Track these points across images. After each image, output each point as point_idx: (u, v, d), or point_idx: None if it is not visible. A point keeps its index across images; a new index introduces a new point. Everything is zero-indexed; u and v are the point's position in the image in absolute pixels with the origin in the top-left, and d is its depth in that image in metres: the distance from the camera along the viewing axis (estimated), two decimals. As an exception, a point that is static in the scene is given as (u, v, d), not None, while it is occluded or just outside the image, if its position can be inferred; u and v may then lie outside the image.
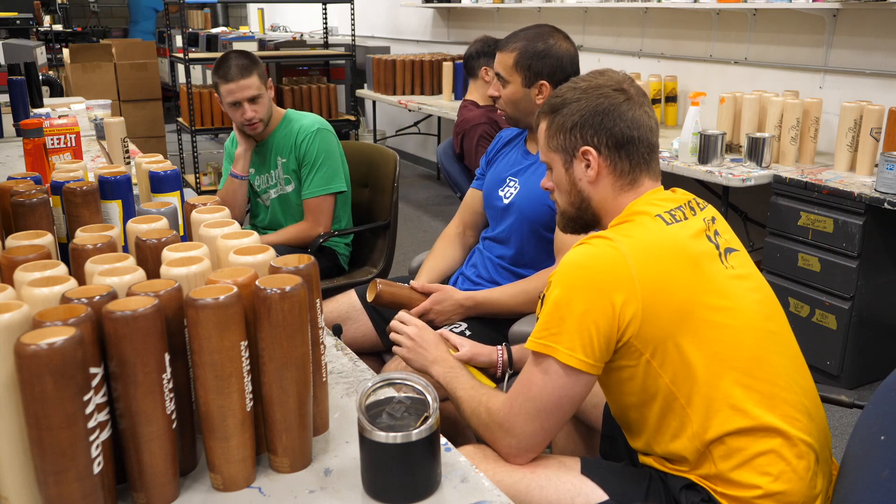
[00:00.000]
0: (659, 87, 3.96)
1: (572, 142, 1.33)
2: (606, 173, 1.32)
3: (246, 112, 2.47)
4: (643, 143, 1.32)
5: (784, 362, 1.26)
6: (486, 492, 0.96)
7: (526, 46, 1.90)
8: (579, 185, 1.35)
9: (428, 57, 5.59)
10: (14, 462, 0.83)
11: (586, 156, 1.32)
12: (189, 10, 9.01)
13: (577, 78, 1.38)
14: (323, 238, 2.55)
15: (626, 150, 1.31)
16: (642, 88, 1.37)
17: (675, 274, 1.21)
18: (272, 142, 2.60)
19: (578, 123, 1.32)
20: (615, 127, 1.30)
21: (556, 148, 1.36)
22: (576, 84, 1.36)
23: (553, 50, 1.90)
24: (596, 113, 1.31)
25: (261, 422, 0.98)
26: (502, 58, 1.93)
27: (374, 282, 1.80)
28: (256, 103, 2.48)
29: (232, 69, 2.44)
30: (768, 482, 1.19)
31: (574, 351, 1.18)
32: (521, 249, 1.95)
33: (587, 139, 1.32)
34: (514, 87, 1.92)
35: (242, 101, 2.46)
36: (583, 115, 1.31)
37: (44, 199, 1.21)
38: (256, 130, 2.53)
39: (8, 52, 4.51)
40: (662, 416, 1.23)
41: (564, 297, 1.19)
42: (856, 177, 2.93)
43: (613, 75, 1.36)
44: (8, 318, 0.80)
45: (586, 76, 1.37)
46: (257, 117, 2.49)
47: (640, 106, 1.32)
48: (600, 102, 1.31)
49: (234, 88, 2.44)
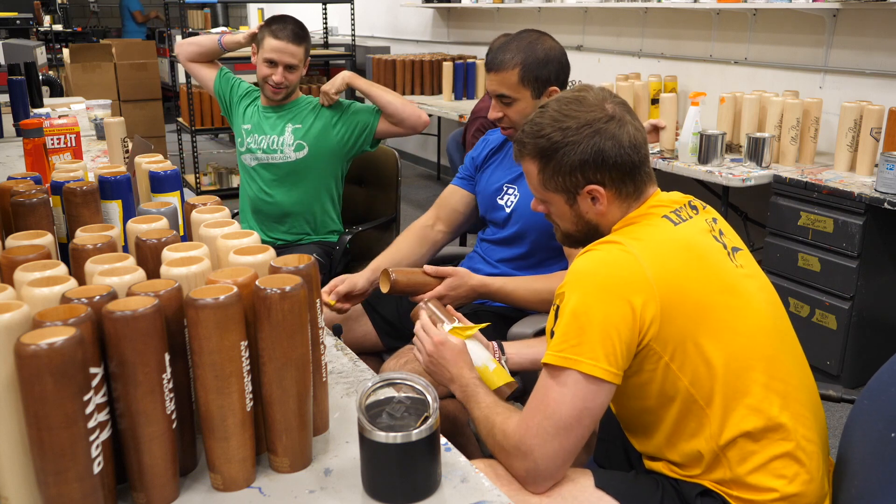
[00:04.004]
0: (659, 87, 3.96)
1: (574, 182, 1.27)
2: (614, 199, 1.28)
3: (277, 75, 2.52)
4: (644, 161, 1.28)
5: (793, 361, 1.26)
6: (486, 492, 0.96)
7: (527, 59, 1.83)
8: (587, 217, 1.31)
9: (428, 57, 5.59)
10: (14, 462, 0.83)
11: (592, 193, 1.27)
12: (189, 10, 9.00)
13: (557, 113, 1.28)
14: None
15: (630, 175, 1.27)
16: (620, 99, 1.31)
17: (689, 273, 1.20)
18: (285, 110, 2.61)
19: (578, 167, 1.25)
20: (619, 159, 1.25)
21: (554, 189, 1.30)
22: (560, 123, 1.27)
23: (551, 53, 1.86)
24: (596, 153, 1.24)
25: (261, 422, 0.98)
26: (502, 77, 1.84)
27: (387, 271, 1.73)
28: (291, 72, 2.54)
29: (289, 30, 2.50)
30: (784, 485, 1.18)
31: (597, 360, 1.14)
32: (531, 250, 1.94)
33: (590, 178, 1.26)
34: (524, 102, 1.85)
35: (280, 64, 2.51)
36: (582, 158, 1.25)
37: (44, 199, 1.21)
38: (277, 96, 2.57)
39: (8, 52, 4.51)
40: (680, 418, 1.21)
41: (582, 306, 1.15)
42: (856, 177, 2.93)
43: (593, 99, 1.28)
44: (8, 318, 0.80)
45: (567, 110, 1.28)
46: (285, 84, 2.54)
47: (630, 122, 1.27)
48: (597, 141, 1.24)
49: (282, 48, 2.49)
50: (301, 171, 2.60)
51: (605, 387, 1.16)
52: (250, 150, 2.63)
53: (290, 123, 2.59)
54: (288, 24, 2.53)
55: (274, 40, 2.49)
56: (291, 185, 2.61)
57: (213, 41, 2.75)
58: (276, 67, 2.51)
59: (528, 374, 1.65)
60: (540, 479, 1.18)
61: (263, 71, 2.54)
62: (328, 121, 2.58)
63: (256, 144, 2.62)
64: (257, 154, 2.62)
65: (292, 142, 2.57)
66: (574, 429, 1.16)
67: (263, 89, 2.59)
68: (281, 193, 2.61)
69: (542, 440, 1.16)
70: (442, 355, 1.43)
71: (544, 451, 1.16)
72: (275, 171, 2.61)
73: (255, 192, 2.65)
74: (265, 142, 2.60)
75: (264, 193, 2.63)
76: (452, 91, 5.26)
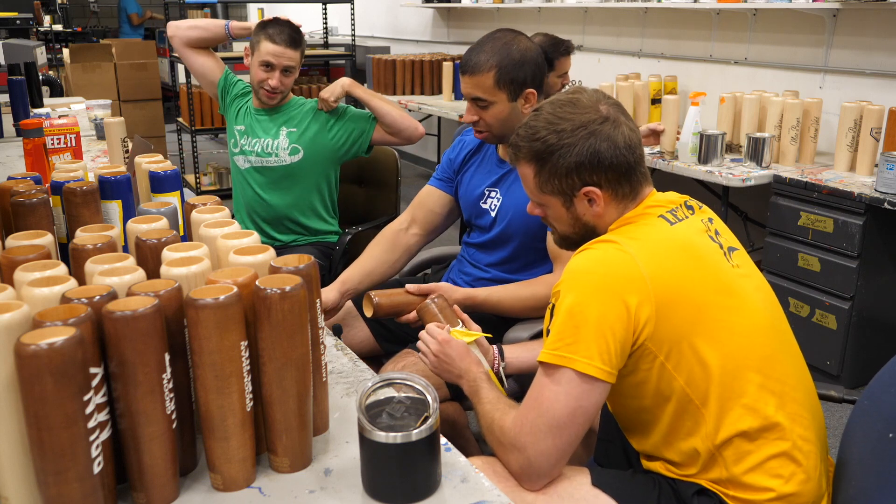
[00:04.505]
0: (659, 88, 3.96)
1: (570, 184, 1.28)
2: (611, 201, 1.28)
3: (274, 79, 2.51)
4: (639, 162, 1.29)
5: (790, 361, 1.26)
6: (486, 492, 0.96)
7: (502, 61, 1.76)
8: (584, 219, 1.31)
9: (428, 57, 5.58)
10: (14, 462, 0.83)
11: (589, 194, 1.27)
12: (189, 10, 9.00)
13: (552, 115, 1.28)
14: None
15: (626, 176, 1.27)
16: (614, 100, 1.31)
17: (686, 273, 1.20)
18: (279, 112, 2.60)
19: (574, 169, 1.26)
20: (614, 160, 1.25)
21: (551, 192, 1.30)
22: (555, 126, 1.27)
23: (527, 55, 1.80)
24: (592, 154, 1.24)
25: (261, 422, 0.98)
26: (478, 80, 1.78)
27: (368, 295, 1.72)
28: (287, 76, 2.53)
29: (286, 35, 2.49)
30: (780, 484, 1.18)
31: (592, 359, 1.14)
32: (517, 252, 1.92)
33: (586, 180, 1.26)
34: (500, 105, 1.80)
35: (278, 68, 2.49)
36: (578, 160, 1.25)
37: (44, 199, 1.21)
38: (272, 101, 2.56)
39: (8, 52, 4.50)
40: (676, 418, 1.22)
41: (578, 305, 1.16)
42: (856, 177, 2.93)
43: (587, 101, 1.28)
44: (8, 318, 0.80)
45: (562, 112, 1.28)
46: (280, 88, 2.53)
47: (625, 123, 1.28)
48: (592, 143, 1.24)
49: (279, 53, 2.47)
50: (295, 175, 2.59)
51: (600, 385, 1.16)
52: (244, 153, 2.62)
53: (285, 126, 2.58)
54: (284, 28, 2.50)
55: (271, 44, 2.46)
56: (285, 188, 2.60)
57: (219, 26, 2.68)
58: (273, 71, 2.49)
59: (528, 378, 1.65)
60: (534, 476, 1.19)
61: (259, 75, 2.50)
62: (323, 125, 2.57)
63: (251, 147, 2.60)
64: (250, 157, 2.61)
65: (287, 145, 2.56)
66: (567, 427, 1.16)
67: (258, 93, 2.56)
68: (275, 196, 2.61)
69: (536, 437, 1.17)
70: (448, 353, 1.45)
71: (538, 448, 1.17)
72: (268, 175, 2.60)
73: (249, 195, 2.65)
74: (259, 145, 2.59)
75: (257, 196, 2.63)
76: (452, 91, 5.26)
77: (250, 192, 2.64)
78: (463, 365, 1.43)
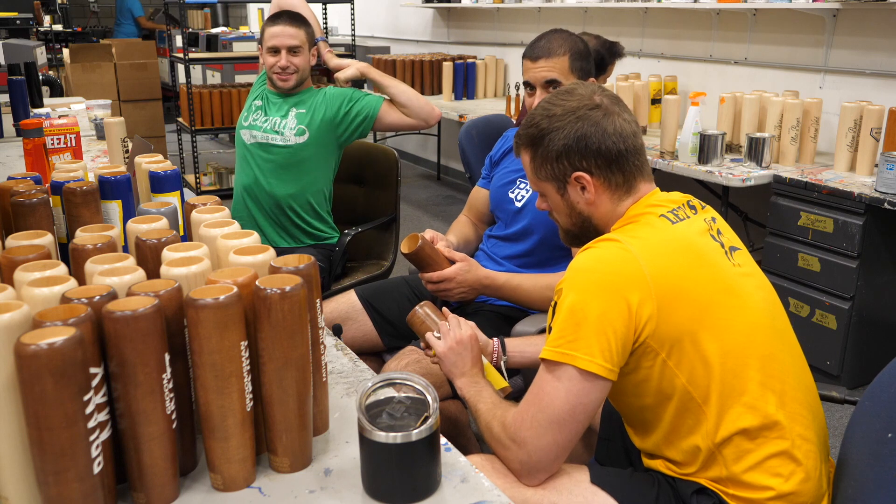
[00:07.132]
0: (659, 87, 3.96)
1: (561, 170, 1.31)
2: (603, 190, 1.31)
3: (282, 59, 2.52)
4: (631, 152, 1.30)
5: (791, 360, 1.26)
6: (486, 492, 0.96)
7: (573, 48, 1.89)
8: (578, 207, 1.33)
9: (428, 57, 5.58)
10: (14, 462, 0.83)
11: (580, 180, 1.30)
12: (189, 10, 9.01)
13: (547, 103, 1.34)
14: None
15: (617, 164, 1.29)
16: (614, 94, 1.35)
17: (687, 271, 1.20)
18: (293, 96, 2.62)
19: (563, 152, 1.29)
20: (602, 146, 1.28)
21: (545, 178, 1.34)
22: (548, 111, 1.32)
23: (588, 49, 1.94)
24: (579, 138, 1.28)
25: (261, 422, 0.98)
26: (555, 63, 1.87)
27: (416, 235, 1.83)
28: (294, 55, 2.54)
29: (283, 16, 2.54)
30: (780, 483, 1.19)
31: (593, 356, 1.15)
32: (536, 248, 1.95)
33: (576, 165, 1.30)
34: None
35: (282, 49, 2.52)
36: (566, 143, 1.29)
37: (44, 199, 1.21)
38: (286, 83, 2.57)
39: (8, 52, 4.50)
40: (678, 416, 1.22)
41: (579, 302, 1.17)
42: (856, 177, 2.93)
43: (583, 91, 1.33)
44: (8, 318, 0.80)
45: (556, 100, 1.33)
46: (291, 68, 2.54)
47: (619, 114, 1.30)
48: (580, 126, 1.28)
49: (278, 32, 2.50)
50: (298, 164, 2.59)
51: (600, 382, 1.17)
52: (252, 127, 2.64)
53: (295, 108, 2.60)
54: (283, 13, 2.58)
55: (271, 27, 2.53)
56: (286, 179, 2.60)
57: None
58: (279, 53, 2.53)
59: (530, 372, 1.66)
60: (533, 472, 1.21)
61: (269, 60, 2.56)
62: (333, 108, 2.58)
63: (260, 123, 2.63)
64: (256, 133, 2.62)
65: (295, 125, 2.58)
66: (567, 423, 1.17)
67: (273, 80, 2.61)
68: (275, 184, 2.61)
69: (536, 433, 1.18)
70: (469, 348, 1.46)
71: (537, 443, 1.18)
72: (272, 155, 2.60)
73: (250, 179, 2.65)
74: (269, 123, 2.61)
75: (257, 181, 2.63)
76: (452, 91, 5.26)
77: (251, 176, 2.64)
78: (472, 366, 1.45)
